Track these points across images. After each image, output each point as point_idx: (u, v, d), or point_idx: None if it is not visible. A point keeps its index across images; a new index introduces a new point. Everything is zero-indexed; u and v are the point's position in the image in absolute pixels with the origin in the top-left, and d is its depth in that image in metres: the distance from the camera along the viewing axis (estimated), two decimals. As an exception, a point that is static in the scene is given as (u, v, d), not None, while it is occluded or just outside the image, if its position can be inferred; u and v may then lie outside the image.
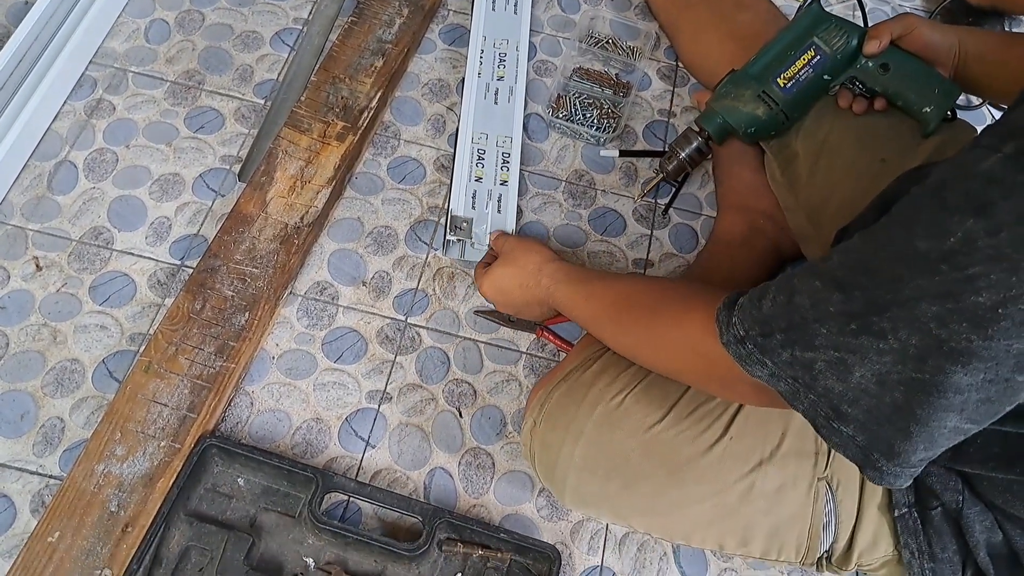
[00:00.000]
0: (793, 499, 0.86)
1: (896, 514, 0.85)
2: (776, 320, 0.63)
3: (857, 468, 0.65)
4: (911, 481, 0.63)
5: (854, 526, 0.87)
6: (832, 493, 0.87)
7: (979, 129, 1.02)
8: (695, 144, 1.11)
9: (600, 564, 0.99)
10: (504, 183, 1.16)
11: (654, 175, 1.19)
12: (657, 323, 0.82)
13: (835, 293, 0.58)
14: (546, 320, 1.09)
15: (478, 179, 1.16)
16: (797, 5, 1.12)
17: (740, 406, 0.88)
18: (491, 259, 1.08)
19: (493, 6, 1.34)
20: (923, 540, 0.84)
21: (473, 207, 1.13)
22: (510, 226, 1.12)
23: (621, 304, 0.88)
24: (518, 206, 1.17)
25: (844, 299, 0.58)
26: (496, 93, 1.24)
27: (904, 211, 0.56)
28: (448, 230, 1.11)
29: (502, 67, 1.27)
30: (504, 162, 1.18)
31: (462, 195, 1.14)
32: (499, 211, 1.13)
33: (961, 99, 1.27)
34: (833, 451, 0.87)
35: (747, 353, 0.66)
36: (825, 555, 0.88)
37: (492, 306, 1.10)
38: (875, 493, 0.86)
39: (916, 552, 0.84)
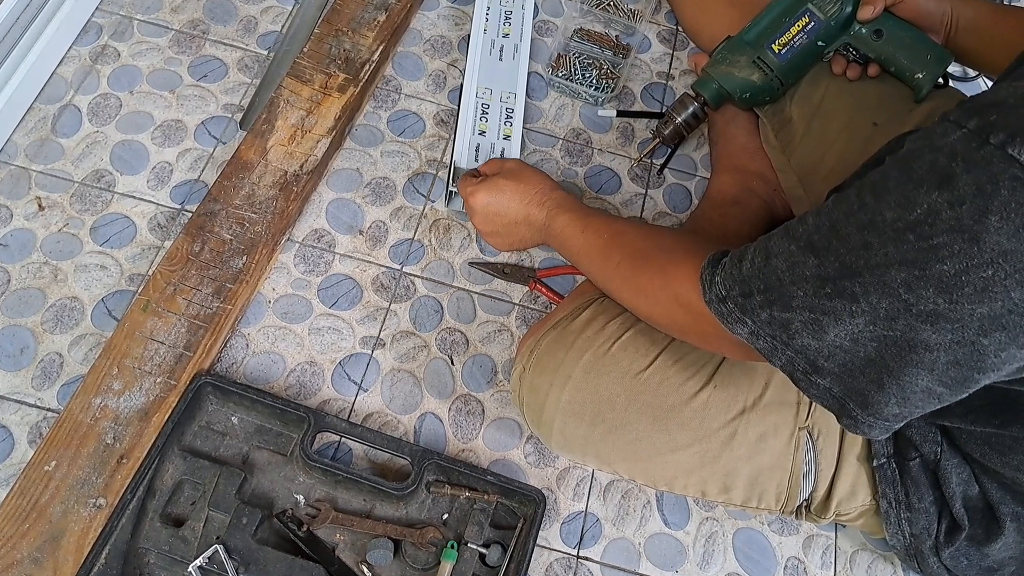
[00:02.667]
0: (774, 447, 0.88)
1: (875, 464, 0.87)
2: (755, 281, 0.66)
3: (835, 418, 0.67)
4: (887, 434, 0.65)
5: (833, 475, 0.88)
6: (812, 442, 0.88)
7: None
8: (691, 109, 1.12)
9: (584, 510, 1.00)
10: (507, 138, 1.17)
11: (651, 137, 1.20)
12: (644, 268, 0.84)
13: (810, 257, 0.61)
14: (539, 273, 1.10)
15: (482, 133, 1.17)
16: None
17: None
18: (477, 175, 1.06)
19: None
20: (900, 490, 0.86)
21: (476, 160, 1.14)
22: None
23: (614, 242, 0.90)
24: (516, 162, 1.18)
25: (818, 263, 0.60)
26: (501, 50, 1.25)
27: (875, 180, 0.58)
28: (451, 181, 1.12)
29: (507, 25, 1.28)
30: (508, 117, 1.19)
31: (465, 148, 1.15)
32: (500, 164, 1.14)
33: (959, 70, 1.29)
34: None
35: (728, 312, 0.69)
36: (804, 503, 0.90)
37: (480, 235, 1.11)
38: (855, 443, 0.88)
39: (893, 502, 0.86)
